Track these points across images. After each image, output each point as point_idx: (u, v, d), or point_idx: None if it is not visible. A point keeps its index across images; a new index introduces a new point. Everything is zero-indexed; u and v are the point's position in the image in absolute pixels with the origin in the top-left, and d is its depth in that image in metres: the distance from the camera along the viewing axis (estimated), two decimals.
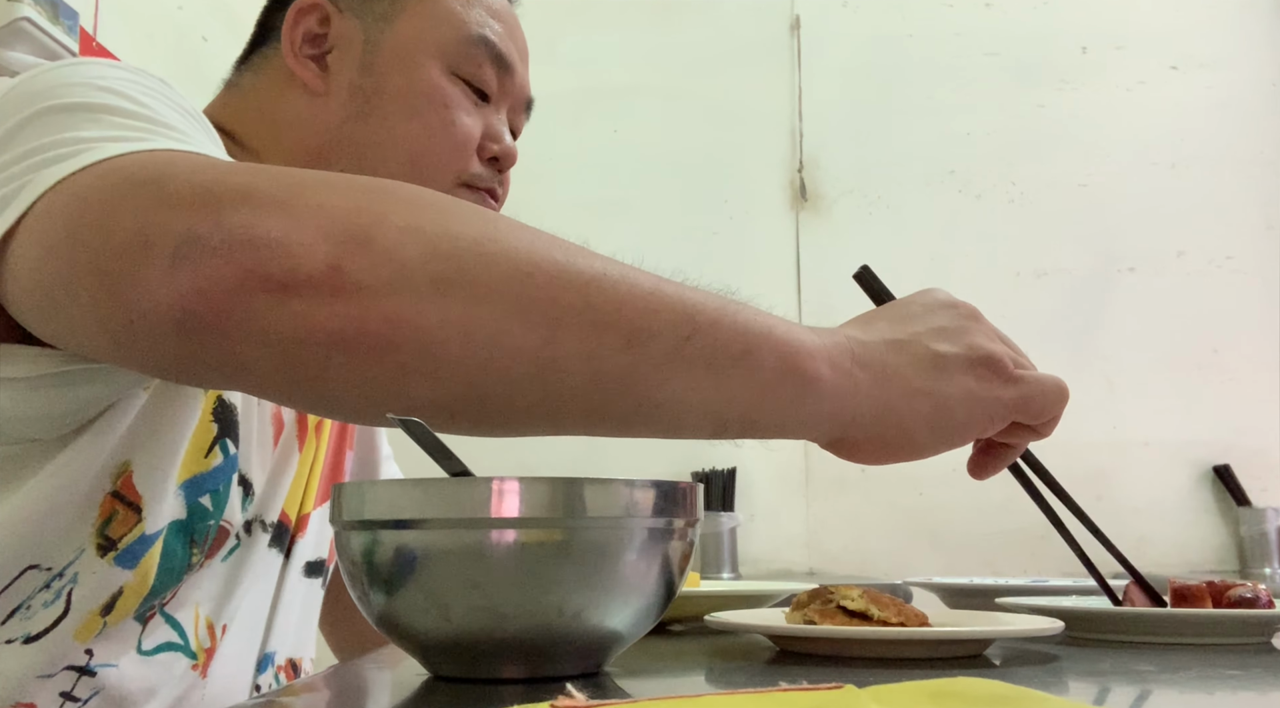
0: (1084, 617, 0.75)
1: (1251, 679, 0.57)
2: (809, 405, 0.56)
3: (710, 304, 0.53)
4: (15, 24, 1.41)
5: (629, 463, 2.33)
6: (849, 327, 0.61)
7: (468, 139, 0.81)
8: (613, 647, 0.53)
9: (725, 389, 0.54)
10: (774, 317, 0.57)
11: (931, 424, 0.59)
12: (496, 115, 0.84)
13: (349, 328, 0.45)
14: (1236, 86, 2.48)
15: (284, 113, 0.79)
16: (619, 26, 2.57)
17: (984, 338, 0.61)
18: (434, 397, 0.48)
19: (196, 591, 0.73)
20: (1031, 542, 2.33)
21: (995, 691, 0.37)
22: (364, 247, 0.45)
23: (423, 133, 0.79)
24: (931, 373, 0.58)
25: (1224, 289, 2.39)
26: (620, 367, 0.50)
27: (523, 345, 0.48)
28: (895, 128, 2.50)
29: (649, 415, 0.54)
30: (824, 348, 0.56)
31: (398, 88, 0.79)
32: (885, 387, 0.57)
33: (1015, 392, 0.61)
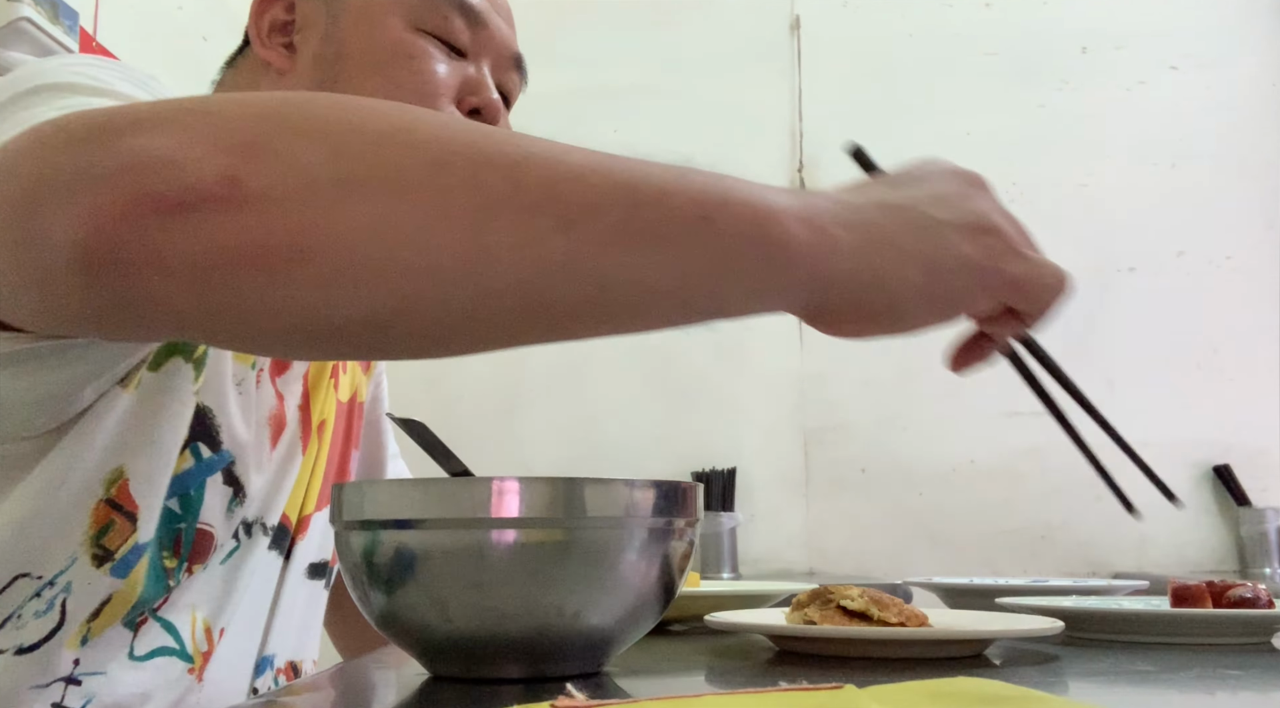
0: (1084, 617, 0.75)
1: (1251, 679, 0.57)
2: (781, 270, 0.49)
3: (658, 173, 0.48)
4: (15, 24, 1.41)
5: (629, 463, 2.33)
6: (839, 190, 0.54)
7: (438, 88, 0.77)
8: (613, 647, 0.53)
9: (682, 262, 0.47)
10: (738, 179, 0.50)
11: (922, 292, 0.52)
12: (475, 69, 0.80)
13: (254, 242, 0.41)
14: (1236, 86, 2.48)
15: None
16: (619, 26, 2.56)
17: (990, 206, 0.56)
18: (360, 310, 0.44)
19: (193, 594, 0.72)
20: (1031, 542, 2.33)
21: (995, 691, 0.37)
22: (261, 153, 0.42)
23: (389, 87, 0.76)
24: (925, 236, 0.52)
25: (1224, 289, 2.39)
26: (558, 250, 0.45)
27: (447, 240, 0.43)
28: (895, 128, 2.50)
29: (602, 303, 0.47)
30: (797, 207, 0.49)
31: (360, 48, 0.77)
32: (870, 249, 0.51)
33: (1016, 267, 0.55)
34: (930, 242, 0.52)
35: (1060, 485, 2.33)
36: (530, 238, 0.44)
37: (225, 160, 0.41)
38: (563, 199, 0.45)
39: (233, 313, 0.43)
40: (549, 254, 0.45)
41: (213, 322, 0.44)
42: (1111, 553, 2.30)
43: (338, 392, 0.89)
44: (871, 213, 0.51)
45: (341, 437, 0.90)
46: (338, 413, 0.89)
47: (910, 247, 0.52)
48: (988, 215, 0.55)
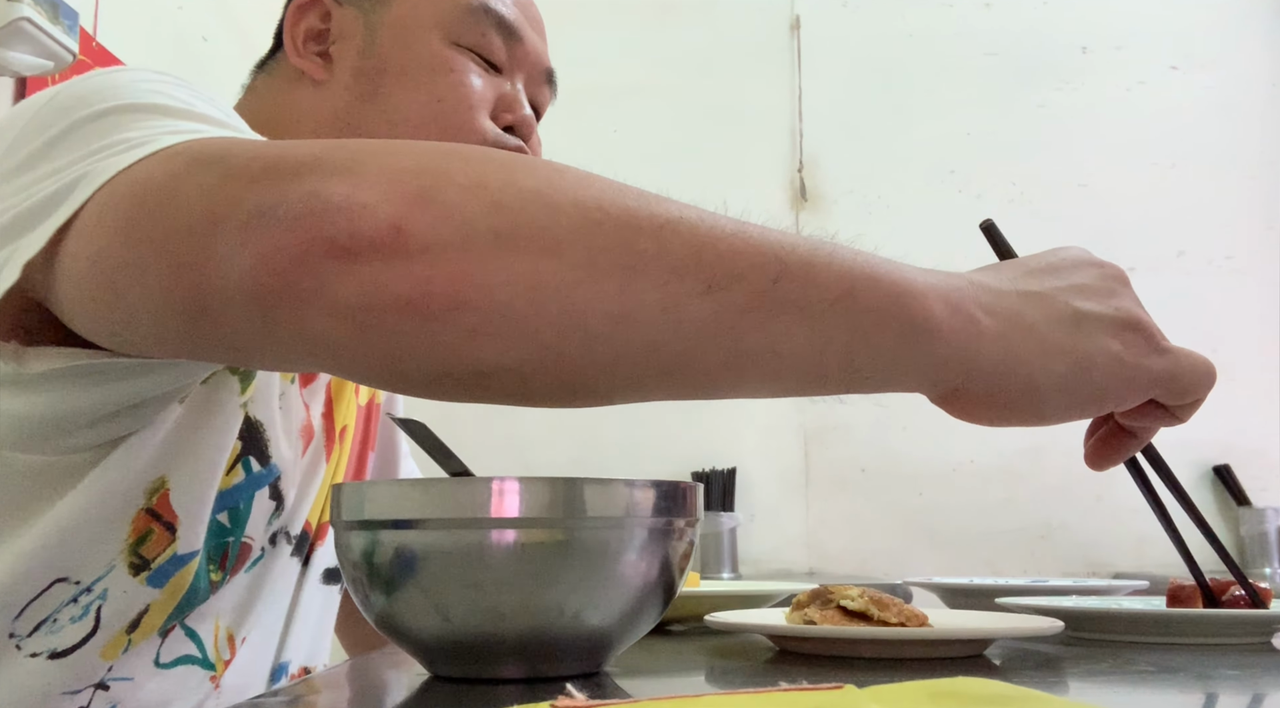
0: (1084, 617, 0.75)
1: (1251, 679, 0.57)
2: (920, 348, 0.49)
3: (802, 245, 0.48)
4: (15, 24, 1.41)
5: (629, 463, 2.33)
6: (981, 273, 0.54)
7: (479, 102, 0.78)
8: (613, 647, 0.53)
9: (821, 334, 0.48)
10: (880, 257, 0.50)
11: (1064, 385, 0.52)
12: (510, 85, 0.82)
13: (415, 289, 0.43)
14: (1236, 86, 2.48)
15: (293, 108, 0.80)
16: (619, 26, 2.57)
17: (1131, 302, 0.55)
18: (506, 359, 0.46)
19: (219, 603, 0.72)
20: (1031, 542, 2.33)
21: (995, 691, 0.37)
22: (426, 205, 0.43)
23: (430, 101, 0.77)
24: (1070, 329, 0.52)
25: (1224, 289, 2.40)
26: (702, 314, 0.46)
27: (594, 298, 0.44)
28: (895, 128, 2.50)
29: (738, 367, 0.48)
30: (940, 289, 0.50)
31: (400, 64, 0.78)
32: (1015, 336, 0.50)
33: (1163, 363, 0.54)
34: (1075, 335, 0.52)
35: (1060, 485, 2.33)
36: (674, 300, 0.45)
37: (394, 210, 0.43)
38: (708, 264, 0.46)
39: (386, 354, 0.45)
40: (693, 317, 0.46)
41: (365, 361, 0.46)
42: (1111, 553, 2.30)
43: (358, 396, 0.90)
44: (1015, 301, 0.52)
45: (360, 440, 0.90)
46: (357, 417, 0.89)
47: (1055, 338, 0.51)
48: (1131, 311, 0.55)
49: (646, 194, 0.48)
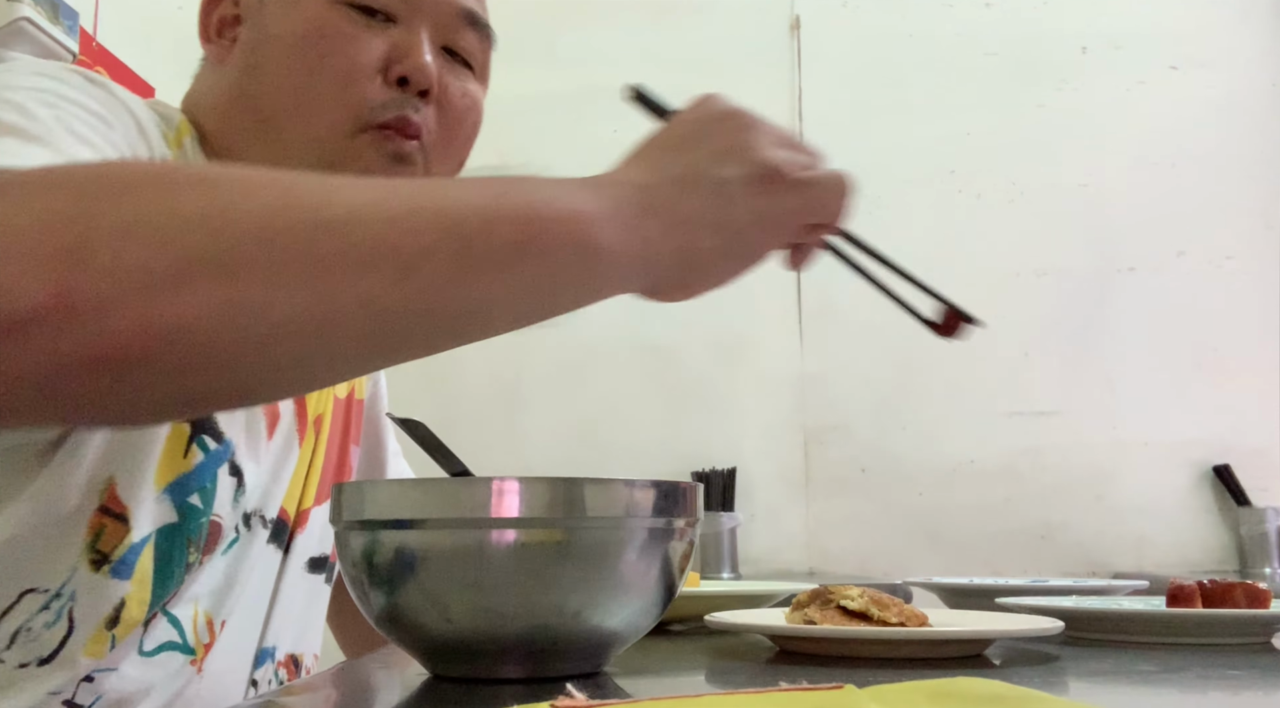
0: (1084, 617, 0.75)
1: (1251, 679, 0.57)
2: (606, 274, 0.55)
3: (476, 201, 0.51)
4: (15, 24, 1.41)
5: (629, 463, 2.33)
6: (631, 167, 0.59)
7: (353, 69, 0.73)
8: (613, 647, 0.53)
9: (517, 283, 0.51)
10: (546, 183, 0.54)
11: (727, 254, 0.59)
12: (406, 33, 0.75)
13: (98, 350, 0.41)
14: (1236, 86, 2.48)
15: (204, 91, 0.79)
16: (619, 26, 2.56)
17: (764, 146, 0.60)
18: (222, 384, 0.45)
19: (196, 587, 0.73)
20: (1031, 542, 2.33)
21: (995, 691, 0.37)
22: (82, 262, 0.41)
23: (302, 71, 0.73)
24: (719, 203, 0.57)
25: (1224, 289, 2.39)
26: (401, 300, 0.47)
27: (292, 312, 0.44)
28: (895, 128, 2.50)
29: (449, 331, 0.52)
30: (607, 211, 0.54)
31: (279, 31, 0.74)
32: (676, 232, 0.56)
33: (800, 199, 0.60)
34: (722, 206, 0.57)
35: (1060, 485, 2.33)
36: (372, 294, 0.46)
37: (50, 273, 0.40)
38: (395, 249, 0.47)
39: (91, 407, 0.44)
40: (393, 304, 0.47)
41: (73, 413, 0.45)
42: (1111, 553, 2.30)
43: (335, 388, 0.89)
44: (666, 192, 0.57)
45: (340, 433, 0.90)
46: (335, 409, 0.89)
47: (706, 216, 0.57)
48: (767, 160, 0.59)
49: (316, 186, 0.48)
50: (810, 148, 0.63)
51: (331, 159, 0.72)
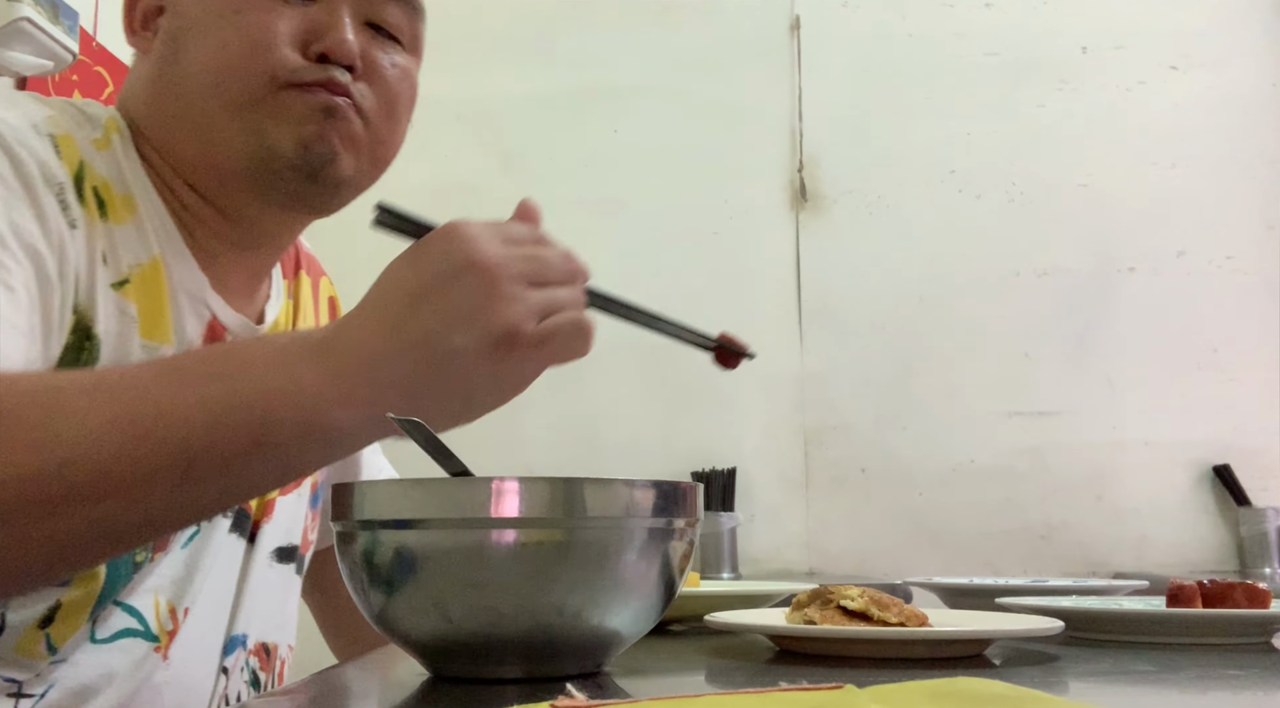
0: (1084, 617, 0.75)
1: (1251, 679, 0.57)
2: (343, 447, 0.60)
3: (201, 415, 0.55)
4: (15, 24, 1.41)
5: (629, 463, 2.33)
6: (367, 324, 0.60)
7: (268, 37, 0.72)
8: (613, 647, 0.53)
9: (250, 476, 0.57)
10: (277, 369, 0.57)
11: (465, 414, 0.62)
12: (326, 11, 0.75)
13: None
14: (1236, 86, 2.48)
15: (132, 85, 0.79)
16: (619, 26, 2.56)
17: (501, 308, 0.59)
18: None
19: (155, 579, 0.73)
20: (1031, 542, 2.33)
21: (995, 691, 0.37)
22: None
23: (218, 47, 0.73)
24: (453, 373, 0.58)
25: (1224, 289, 2.39)
26: (134, 521, 0.55)
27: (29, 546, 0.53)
28: (895, 128, 2.50)
29: (182, 523, 0.62)
30: (341, 393, 0.57)
31: (195, 16, 0.75)
32: (412, 403, 0.58)
33: (539, 355, 0.61)
34: (457, 375, 0.58)
35: (1060, 485, 2.33)
36: (104, 524, 0.54)
37: None
38: (121, 482, 0.53)
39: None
40: (126, 526, 0.55)
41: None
42: (1111, 553, 2.30)
43: None
44: (400, 364, 0.58)
45: None
46: None
47: (442, 387, 0.59)
48: (504, 326, 0.59)
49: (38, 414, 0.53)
50: (556, 263, 0.62)
51: (255, 121, 0.73)
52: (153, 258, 0.73)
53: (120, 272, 0.70)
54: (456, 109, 2.50)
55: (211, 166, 0.75)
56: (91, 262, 0.68)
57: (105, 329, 0.68)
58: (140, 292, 0.71)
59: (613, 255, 2.45)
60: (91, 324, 0.68)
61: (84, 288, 0.68)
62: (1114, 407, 2.36)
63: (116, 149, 0.74)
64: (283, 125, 0.73)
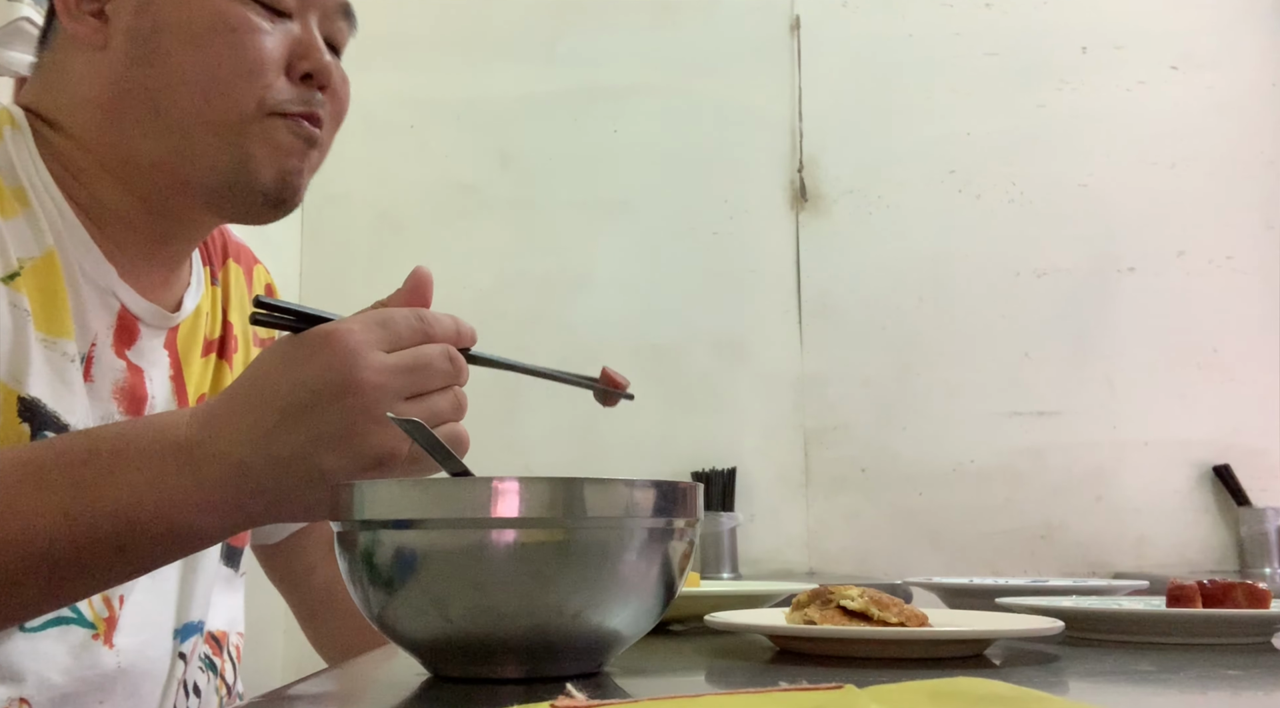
0: (1084, 617, 0.75)
1: (1251, 679, 0.57)
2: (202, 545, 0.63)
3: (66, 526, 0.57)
4: (15, 24, 1.41)
5: (629, 463, 2.33)
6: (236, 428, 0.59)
7: (262, 62, 0.73)
8: (613, 647, 0.53)
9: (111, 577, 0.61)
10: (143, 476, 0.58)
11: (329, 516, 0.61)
12: (304, 30, 0.76)
13: None
14: (1236, 86, 2.48)
15: (71, 77, 0.76)
16: (619, 26, 2.56)
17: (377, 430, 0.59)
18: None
19: None
20: (1031, 542, 2.33)
21: (995, 691, 0.37)
22: None
23: (210, 63, 0.72)
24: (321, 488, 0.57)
25: (1224, 289, 2.39)
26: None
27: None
28: (895, 128, 2.50)
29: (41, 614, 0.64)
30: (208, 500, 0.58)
31: (177, 21, 0.73)
32: (278, 509, 0.61)
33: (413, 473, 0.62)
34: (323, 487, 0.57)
35: (1060, 485, 2.33)
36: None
37: None
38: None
39: None
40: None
41: None
42: (1111, 553, 2.30)
43: (233, 369, 0.89)
44: (267, 474, 0.59)
45: None
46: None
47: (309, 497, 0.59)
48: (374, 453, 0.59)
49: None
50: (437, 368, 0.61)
51: (240, 144, 0.73)
52: (46, 250, 0.72)
53: (10, 266, 0.69)
54: (456, 109, 2.50)
55: (172, 175, 0.75)
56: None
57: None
58: (33, 285, 0.70)
59: (613, 255, 2.46)
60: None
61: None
62: (1114, 407, 2.36)
63: (8, 141, 0.74)
64: (266, 153, 0.74)
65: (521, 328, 2.36)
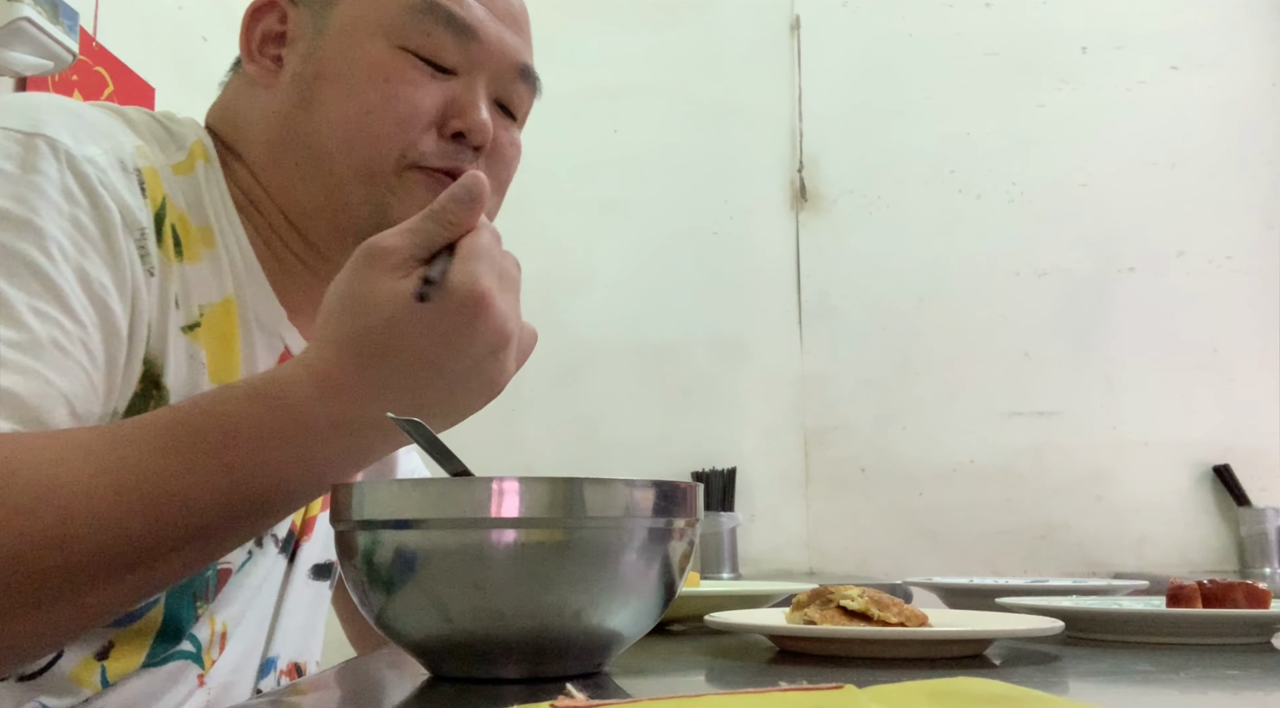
0: (1084, 617, 0.75)
1: (1251, 679, 0.58)
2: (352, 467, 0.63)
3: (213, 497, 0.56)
4: (15, 24, 1.41)
5: (629, 463, 2.33)
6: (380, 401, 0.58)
7: (412, 113, 0.73)
8: (613, 647, 0.53)
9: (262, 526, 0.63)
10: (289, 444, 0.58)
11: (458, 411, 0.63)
12: (465, 88, 0.75)
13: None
14: (1236, 86, 2.48)
15: (245, 111, 0.77)
16: (619, 26, 2.57)
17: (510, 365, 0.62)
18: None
19: (213, 605, 0.73)
20: (1031, 542, 2.33)
21: (995, 691, 0.37)
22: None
23: (359, 111, 0.73)
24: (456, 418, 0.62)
25: (1224, 289, 2.40)
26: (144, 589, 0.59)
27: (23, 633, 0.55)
28: (895, 128, 2.50)
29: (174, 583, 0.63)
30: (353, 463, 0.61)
31: (337, 69, 0.74)
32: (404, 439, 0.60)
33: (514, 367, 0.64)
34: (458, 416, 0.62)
35: (1060, 485, 2.33)
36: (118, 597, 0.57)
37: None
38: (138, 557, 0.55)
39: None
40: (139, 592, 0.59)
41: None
42: (1111, 553, 2.30)
43: None
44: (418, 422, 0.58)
45: None
46: None
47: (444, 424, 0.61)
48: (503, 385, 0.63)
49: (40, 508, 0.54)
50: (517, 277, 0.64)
51: (380, 195, 0.73)
52: (226, 296, 0.72)
53: (191, 315, 0.69)
54: None
55: (329, 219, 0.75)
56: (164, 308, 0.67)
57: (174, 377, 0.67)
58: (210, 334, 0.70)
59: (612, 255, 2.46)
60: (161, 373, 0.67)
61: (155, 336, 0.66)
62: (1114, 407, 2.36)
63: (199, 175, 0.73)
64: (405, 207, 0.72)
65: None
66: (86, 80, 1.69)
